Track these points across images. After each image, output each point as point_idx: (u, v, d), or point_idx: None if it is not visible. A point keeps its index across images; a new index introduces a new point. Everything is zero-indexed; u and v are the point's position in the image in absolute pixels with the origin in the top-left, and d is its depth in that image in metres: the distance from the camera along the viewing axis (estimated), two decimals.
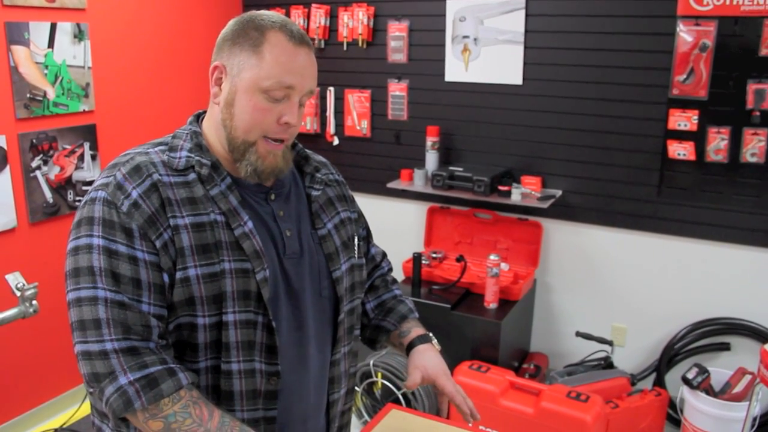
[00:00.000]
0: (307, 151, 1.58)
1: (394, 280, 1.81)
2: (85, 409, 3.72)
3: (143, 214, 1.27)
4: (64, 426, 3.62)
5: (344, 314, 1.52)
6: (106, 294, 1.24)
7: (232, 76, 1.35)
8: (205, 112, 1.46)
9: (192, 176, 1.34)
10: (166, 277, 1.27)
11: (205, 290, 1.28)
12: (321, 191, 1.53)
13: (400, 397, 3.39)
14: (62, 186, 3.62)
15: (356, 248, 1.57)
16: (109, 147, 3.84)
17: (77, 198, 3.71)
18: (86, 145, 3.72)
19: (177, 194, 1.31)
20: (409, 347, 1.65)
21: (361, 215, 1.70)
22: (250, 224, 1.35)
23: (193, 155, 1.36)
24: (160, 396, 1.23)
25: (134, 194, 1.28)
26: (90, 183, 3.73)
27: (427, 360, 1.61)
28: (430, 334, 1.70)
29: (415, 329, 1.69)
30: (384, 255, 1.82)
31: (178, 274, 1.27)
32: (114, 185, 1.29)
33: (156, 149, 1.37)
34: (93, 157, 3.77)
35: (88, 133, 3.72)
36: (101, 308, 1.23)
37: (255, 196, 1.41)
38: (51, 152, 3.54)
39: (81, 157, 3.70)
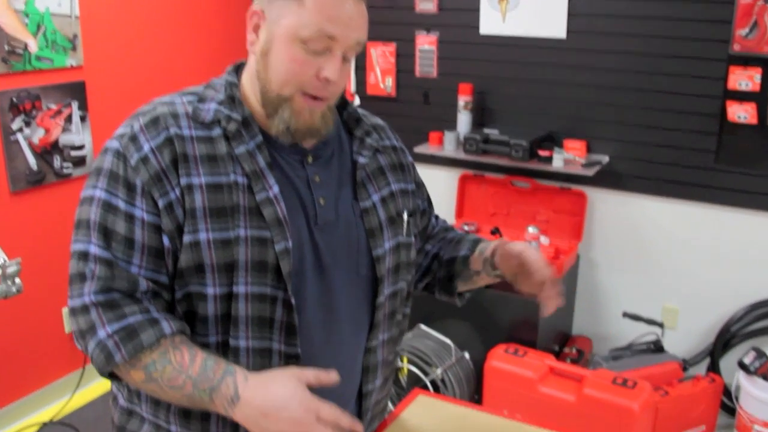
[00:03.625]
0: (362, 112, 1.60)
1: (453, 227, 1.83)
2: (78, 400, 3.83)
3: (151, 169, 1.31)
4: (54, 420, 3.71)
5: (384, 297, 1.53)
6: (96, 250, 1.32)
7: (270, 22, 1.36)
8: (245, 62, 1.47)
9: (217, 132, 1.37)
10: (166, 240, 1.32)
11: (215, 257, 1.32)
12: (370, 158, 1.54)
13: (428, 383, 3.52)
14: (48, 151, 3.61)
15: (405, 225, 1.57)
16: (100, 107, 3.82)
17: (65, 164, 3.69)
18: (74, 105, 3.70)
19: (197, 150, 1.34)
20: (493, 255, 1.60)
21: (421, 186, 1.72)
22: (275, 189, 1.36)
23: (223, 108, 1.39)
24: (140, 347, 1.29)
25: (146, 148, 1.32)
26: (80, 148, 3.76)
27: (514, 243, 1.56)
28: None
29: (494, 242, 1.64)
30: (443, 220, 1.84)
31: (187, 238, 1.31)
32: (129, 136, 1.34)
33: (184, 99, 1.41)
34: (82, 119, 3.74)
35: (77, 92, 3.70)
36: (89, 264, 1.32)
37: (289, 158, 1.42)
38: (34, 113, 3.52)
39: (68, 119, 3.68)
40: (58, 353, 3.87)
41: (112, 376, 1.36)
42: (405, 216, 1.58)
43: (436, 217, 1.83)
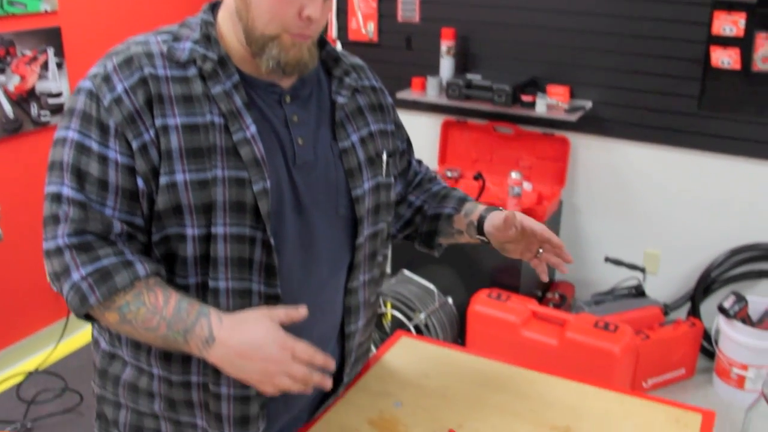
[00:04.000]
0: (339, 51, 1.58)
1: (438, 178, 1.83)
2: (63, 349, 3.86)
3: (124, 110, 1.30)
4: (40, 369, 3.73)
5: (364, 238, 1.54)
6: (69, 192, 1.31)
7: None
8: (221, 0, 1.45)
9: (192, 72, 1.35)
10: (140, 182, 1.31)
11: (193, 198, 1.31)
12: (349, 98, 1.53)
13: (412, 328, 3.56)
14: (24, 99, 3.57)
15: (384, 166, 1.57)
16: (77, 54, 3.75)
17: (42, 112, 3.66)
18: (50, 52, 3.65)
19: (172, 90, 1.33)
20: (480, 222, 1.63)
21: (400, 127, 1.72)
22: (252, 129, 1.36)
23: (198, 47, 1.37)
24: (114, 289, 1.30)
25: (119, 88, 1.31)
26: (57, 95, 3.73)
27: (512, 213, 1.55)
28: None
29: (480, 205, 1.67)
30: (426, 167, 1.85)
31: (163, 179, 1.31)
32: (102, 76, 1.32)
33: (158, 38, 1.38)
34: (59, 66, 3.70)
35: (52, 38, 3.65)
36: (62, 206, 1.31)
37: (266, 98, 1.42)
38: (8, 59, 3.47)
39: (45, 66, 3.63)
40: (41, 303, 3.88)
41: (88, 317, 1.37)
42: (384, 157, 1.58)
43: (419, 162, 1.83)
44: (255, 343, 1.28)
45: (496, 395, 1.72)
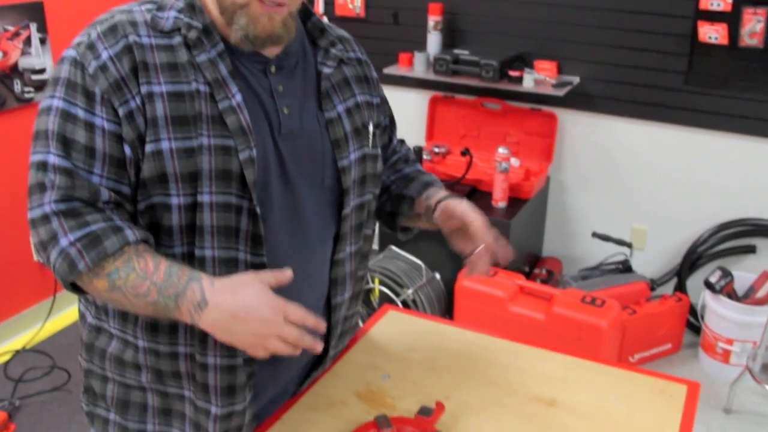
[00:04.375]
0: (326, 23, 1.56)
1: (416, 160, 1.83)
2: (50, 328, 3.86)
3: (110, 77, 1.29)
4: (27, 347, 3.74)
5: (350, 209, 1.54)
6: (56, 160, 1.30)
7: None
8: None
9: (177, 40, 1.35)
10: (127, 150, 1.31)
11: (179, 166, 1.31)
12: (334, 69, 1.52)
13: (400, 304, 3.56)
14: (7, 75, 3.55)
15: (371, 137, 1.57)
16: (60, 29, 3.71)
17: (26, 89, 3.64)
18: (33, 27, 3.61)
19: (157, 58, 1.32)
20: (436, 207, 1.62)
21: (385, 102, 1.71)
22: (238, 97, 1.35)
23: (182, 16, 1.36)
24: (104, 254, 1.28)
25: (104, 56, 1.30)
26: (41, 71, 3.70)
27: (458, 203, 1.58)
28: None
29: (442, 192, 1.67)
30: (407, 147, 1.85)
31: (149, 147, 1.30)
32: (86, 45, 1.32)
33: (142, 7, 1.38)
34: (42, 42, 3.67)
35: (34, 13, 3.61)
36: (49, 174, 1.30)
37: (251, 67, 1.41)
38: None
39: (27, 41, 3.60)
40: (28, 281, 3.88)
41: (75, 287, 1.36)
42: (371, 128, 1.58)
43: (401, 142, 1.84)
44: (248, 305, 1.28)
45: (483, 367, 1.73)
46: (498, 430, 1.53)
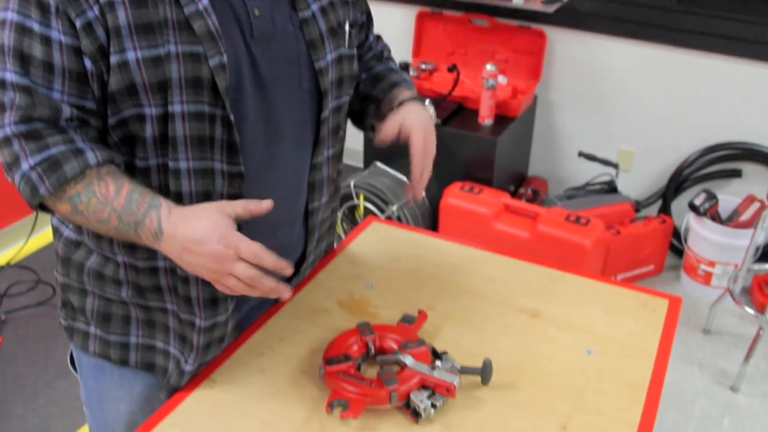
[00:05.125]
0: None
1: (391, 57, 1.79)
2: (33, 244, 3.86)
3: None
4: (11, 263, 3.75)
5: (329, 112, 1.51)
6: (13, 77, 1.24)
7: None
8: None
9: None
10: (88, 63, 1.24)
11: (147, 76, 1.25)
12: None
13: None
14: None
15: (347, 36, 1.52)
16: None
17: None
18: None
19: None
20: (398, 108, 1.61)
21: None
22: (204, 1, 1.28)
23: None
24: (64, 178, 1.25)
25: None
26: None
27: (411, 113, 1.58)
28: (427, 101, 1.67)
29: (407, 93, 1.65)
30: (384, 44, 1.80)
31: (114, 58, 1.24)
32: None
33: None
34: None
35: None
36: (7, 92, 1.25)
37: None
38: None
39: None
40: (9, 198, 3.80)
41: (43, 208, 1.33)
42: (347, 27, 1.53)
43: (378, 38, 1.79)
44: (197, 237, 1.24)
45: (466, 278, 1.74)
46: (480, 340, 1.54)
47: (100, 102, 1.29)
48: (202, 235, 1.24)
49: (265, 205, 1.29)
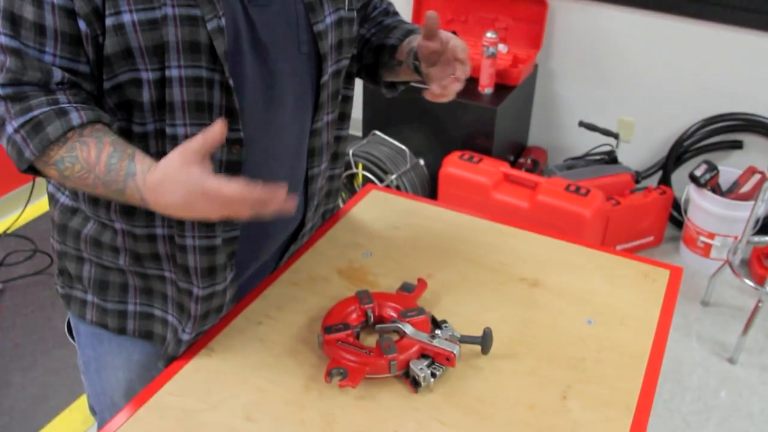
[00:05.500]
0: None
1: (397, 12, 1.75)
2: (30, 212, 3.86)
3: None
4: (8, 231, 3.75)
5: (328, 76, 1.48)
6: (4, 39, 1.22)
7: None
8: None
9: None
10: (82, 25, 1.21)
11: (143, 39, 1.22)
12: None
13: None
14: None
15: None
16: None
17: None
18: None
19: None
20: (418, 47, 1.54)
21: None
22: None
23: None
24: (47, 140, 1.22)
25: None
26: None
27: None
28: None
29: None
30: (389, 1, 1.76)
31: (109, 21, 1.22)
32: None
33: None
34: None
35: None
36: None
37: None
38: None
39: None
40: (5, 166, 3.81)
41: (35, 171, 1.30)
42: None
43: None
44: (179, 203, 1.18)
45: (466, 247, 1.73)
46: (480, 308, 1.54)
47: (95, 65, 1.26)
48: (183, 200, 1.18)
49: (218, 126, 1.19)
